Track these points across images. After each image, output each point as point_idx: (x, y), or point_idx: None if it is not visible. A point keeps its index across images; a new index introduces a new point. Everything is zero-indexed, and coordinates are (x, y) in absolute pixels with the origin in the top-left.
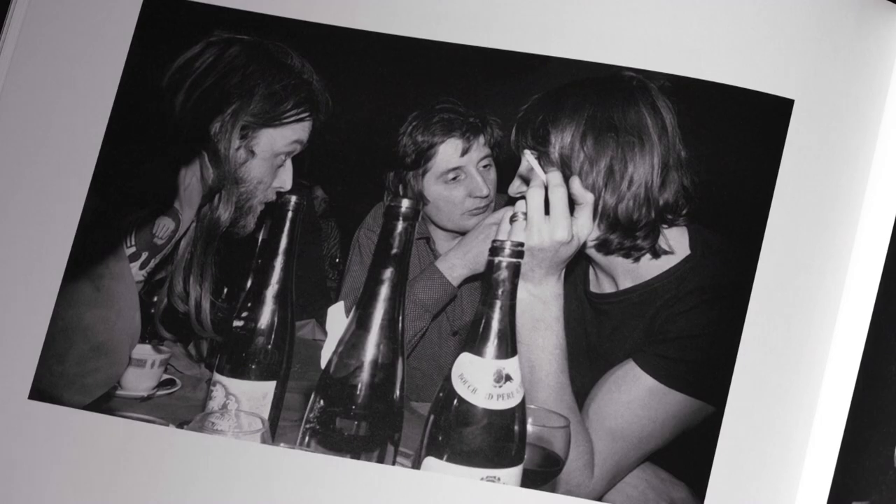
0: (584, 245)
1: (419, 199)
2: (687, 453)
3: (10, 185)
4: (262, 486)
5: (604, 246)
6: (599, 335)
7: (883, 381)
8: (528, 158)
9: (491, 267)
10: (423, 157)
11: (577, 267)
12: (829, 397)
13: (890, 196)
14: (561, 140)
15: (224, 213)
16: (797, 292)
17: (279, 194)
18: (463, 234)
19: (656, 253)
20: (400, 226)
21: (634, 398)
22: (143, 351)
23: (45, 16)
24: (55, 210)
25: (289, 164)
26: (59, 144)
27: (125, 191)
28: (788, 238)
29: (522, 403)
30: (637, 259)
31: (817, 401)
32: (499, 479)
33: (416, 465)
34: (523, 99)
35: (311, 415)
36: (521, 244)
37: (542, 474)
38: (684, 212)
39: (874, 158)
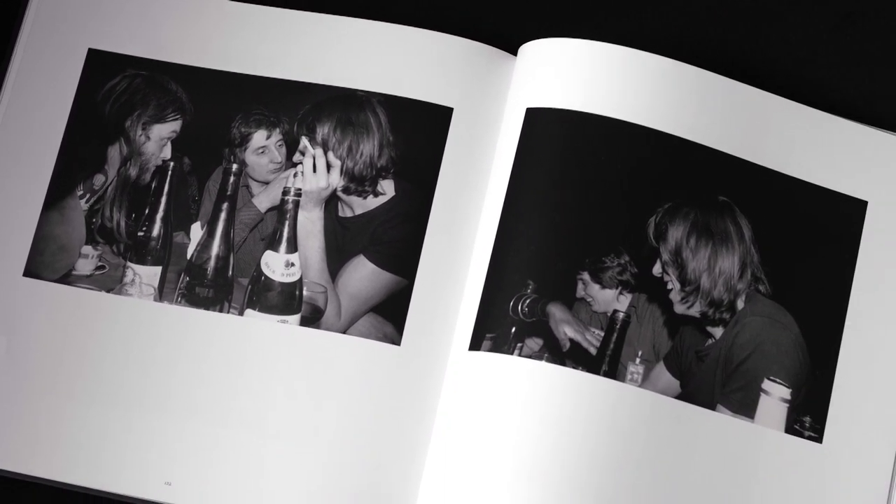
0: (335, 190)
1: (242, 164)
2: (394, 305)
3: (12, 159)
4: (154, 325)
5: (346, 190)
6: (344, 241)
7: (504, 265)
8: (304, 141)
9: (283, 202)
10: (244, 140)
11: (331, 201)
12: (474, 271)
13: (504, 166)
14: (322, 131)
15: (133, 172)
16: (455, 214)
17: (164, 161)
18: (267, 183)
19: (376, 194)
20: (232, 179)
21: (363, 276)
22: (87, 250)
23: (35, 60)
24: (36, 171)
25: (169, 144)
26: (40, 134)
27: (77, 159)
28: (449, 186)
29: (300, 279)
30: (365, 197)
31: (467, 273)
32: (287, 321)
33: (241, 313)
34: (301, 107)
35: (181, 286)
36: (300, 189)
37: (312, 319)
38: (392, 171)
39: (497, 143)
